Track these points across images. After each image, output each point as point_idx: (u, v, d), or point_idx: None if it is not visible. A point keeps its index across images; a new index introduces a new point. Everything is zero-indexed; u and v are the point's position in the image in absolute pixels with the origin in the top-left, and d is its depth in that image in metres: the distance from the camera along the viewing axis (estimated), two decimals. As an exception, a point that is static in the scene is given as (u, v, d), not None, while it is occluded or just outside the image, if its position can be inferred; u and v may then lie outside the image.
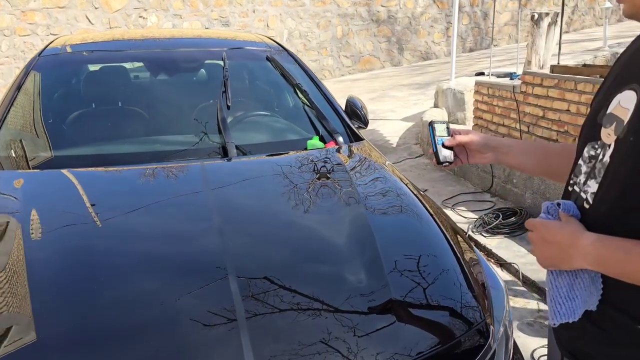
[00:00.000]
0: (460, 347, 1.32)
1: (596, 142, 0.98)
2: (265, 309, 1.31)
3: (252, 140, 2.33)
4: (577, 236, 0.93)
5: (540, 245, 0.99)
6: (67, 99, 2.64)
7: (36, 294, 1.34)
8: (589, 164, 0.99)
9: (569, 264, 0.95)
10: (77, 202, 1.77)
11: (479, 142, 1.26)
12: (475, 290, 1.50)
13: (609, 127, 0.95)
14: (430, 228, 1.76)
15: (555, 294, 0.98)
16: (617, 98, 0.96)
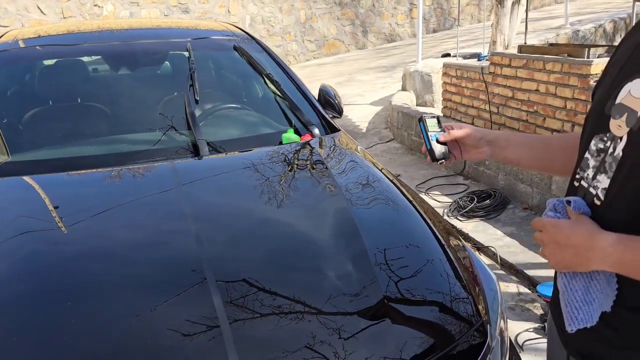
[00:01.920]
0: (459, 350, 1.26)
1: (605, 134, 0.93)
2: (249, 314, 1.24)
3: (224, 136, 2.22)
4: (595, 237, 0.87)
5: (553, 248, 0.92)
6: (21, 97, 2.48)
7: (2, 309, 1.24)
8: (597, 157, 0.93)
9: (585, 267, 0.89)
10: (41, 211, 1.65)
11: (475, 136, 1.19)
12: (470, 288, 1.45)
13: (620, 119, 0.90)
14: (416, 220, 1.70)
15: (571, 298, 0.93)
16: (627, 87, 0.90)
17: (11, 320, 1.23)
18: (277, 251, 1.52)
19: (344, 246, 1.50)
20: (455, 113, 5.23)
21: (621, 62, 0.98)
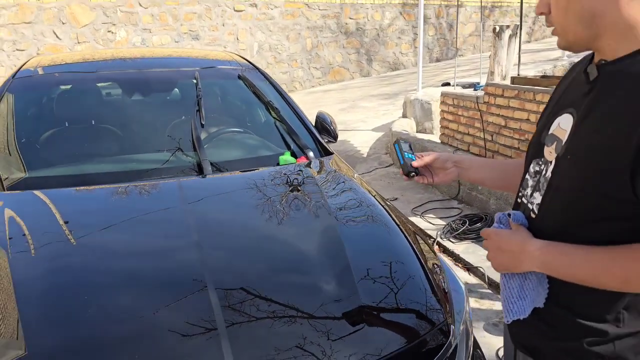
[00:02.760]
0: (424, 344, 1.43)
1: (540, 159, 1.11)
2: (244, 317, 1.39)
3: (226, 157, 2.42)
4: (526, 243, 1.05)
5: (494, 252, 1.11)
6: (40, 119, 2.68)
7: (23, 311, 1.40)
8: (535, 178, 1.11)
9: (519, 268, 1.07)
10: (57, 223, 1.83)
11: (442, 159, 1.36)
12: (438, 294, 1.62)
13: (551, 146, 1.08)
14: (396, 237, 1.87)
15: (508, 294, 1.11)
16: (557, 120, 1.09)
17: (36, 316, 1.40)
18: (270, 263, 1.69)
19: (330, 262, 1.66)
20: (452, 140, 5.42)
21: (556, 98, 1.17)
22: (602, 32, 0.98)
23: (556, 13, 1.02)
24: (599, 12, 0.96)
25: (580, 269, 0.98)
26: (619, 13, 0.95)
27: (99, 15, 9.39)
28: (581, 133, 1.00)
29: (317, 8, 11.24)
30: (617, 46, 0.98)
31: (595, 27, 0.98)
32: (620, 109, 0.94)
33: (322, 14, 11.32)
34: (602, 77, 1.00)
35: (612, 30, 0.97)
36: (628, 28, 0.96)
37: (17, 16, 8.82)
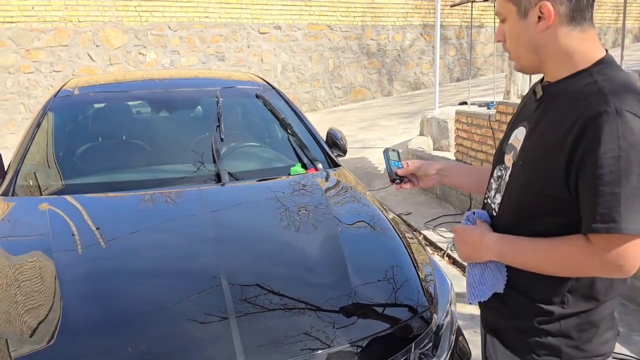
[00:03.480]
0: (410, 327, 1.63)
1: (502, 165, 1.30)
2: (252, 309, 1.60)
3: (242, 167, 2.65)
4: (484, 236, 1.24)
5: (460, 245, 1.29)
6: (76, 135, 2.96)
7: (64, 298, 1.63)
8: (497, 182, 1.31)
9: (479, 258, 1.25)
10: (92, 225, 2.07)
11: (424, 168, 1.53)
12: (426, 295, 1.79)
13: (509, 154, 1.27)
14: (392, 241, 2.06)
15: (470, 280, 1.29)
16: (515, 132, 1.28)
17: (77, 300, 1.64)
18: (277, 263, 1.89)
19: (330, 264, 1.84)
20: (467, 157, 5.58)
21: (517, 112, 1.36)
22: (546, 59, 1.17)
23: (509, 42, 1.22)
24: (542, 43, 1.15)
25: (527, 257, 1.16)
26: (557, 43, 1.14)
27: (130, 38, 9.86)
28: (529, 142, 1.19)
29: (339, 30, 11.57)
30: (558, 70, 1.17)
31: (541, 55, 1.17)
32: (557, 121, 1.13)
33: (344, 36, 11.63)
34: (546, 95, 1.20)
35: (554, 57, 1.16)
36: (566, 55, 1.15)
37: (55, 39, 9.34)
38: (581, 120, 1.06)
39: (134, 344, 1.46)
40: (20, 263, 1.85)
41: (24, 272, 1.80)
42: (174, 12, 10.09)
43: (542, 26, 1.13)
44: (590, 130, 1.05)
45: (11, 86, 9.14)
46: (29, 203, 2.34)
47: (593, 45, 1.15)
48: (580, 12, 1.13)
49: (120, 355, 1.44)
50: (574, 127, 1.07)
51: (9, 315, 1.59)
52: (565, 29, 1.13)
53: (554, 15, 1.12)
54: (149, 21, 9.93)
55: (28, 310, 1.60)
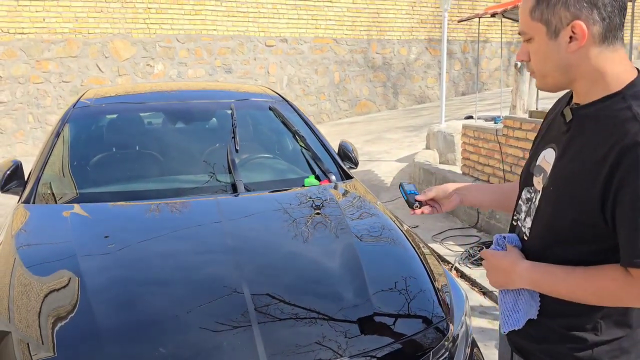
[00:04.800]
0: (423, 338, 1.65)
1: (530, 187, 1.28)
2: (274, 318, 1.63)
3: (257, 178, 2.70)
4: (516, 263, 1.21)
5: (490, 270, 1.27)
6: (95, 146, 3.00)
7: (87, 304, 1.66)
8: (527, 204, 1.29)
9: (512, 285, 1.23)
10: (116, 231, 2.11)
11: (443, 190, 1.54)
12: (442, 306, 1.82)
13: (539, 177, 1.25)
14: (407, 252, 2.09)
15: (503, 308, 1.26)
16: (543, 153, 1.26)
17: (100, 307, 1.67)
18: (296, 272, 1.92)
19: (348, 274, 1.87)
20: (473, 171, 5.62)
21: (543, 131, 1.35)
22: (576, 78, 1.13)
23: (535, 62, 1.17)
24: (574, 63, 1.11)
25: (560, 286, 1.14)
26: (589, 64, 1.11)
27: (139, 50, 9.97)
28: (559, 167, 1.17)
29: (345, 43, 11.68)
30: (589, 90, 1.13)
31: (571, 75, 1.13)
32: (590, 147, 1.10)
33: (349, 49, 11.74)
34: (575, 119, 1.16)
35: (585, 77, 1.12)
36: (598, 76, 1.11)
37: (65, 50, 9.45)
38: (617, 149, 1.04)
39: (157, 351, 1.49)
40: (41, 270, 1.89)
41: (46, 278, 1.83)
42: (182, 24, 10.21)
43: (574, 47, 1.10)
44: (626, 160, 1.03)
45: (21, 96, 9.23)
46: (50, 211, 2.39)
47: (625, 66, 1.13)
48: (613, 31, 1.09)
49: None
50: (609, 156, 1.05)
51: (30, 320, 1.62)
52: (597, 49, 1.10)
53: (587, 36, 1.08)
54: (157, 33, 10.05)
55: (48, 316, 1.64)
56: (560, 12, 1.09)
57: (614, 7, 1.08)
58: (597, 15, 1.07)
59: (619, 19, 1.09)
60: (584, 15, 1.07)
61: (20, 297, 1.73)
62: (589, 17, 1.07)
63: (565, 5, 1.08)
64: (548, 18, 1.10)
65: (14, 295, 1.74)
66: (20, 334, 1.58)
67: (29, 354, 1.51)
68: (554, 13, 1.10)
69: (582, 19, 1.07)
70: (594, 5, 1.07)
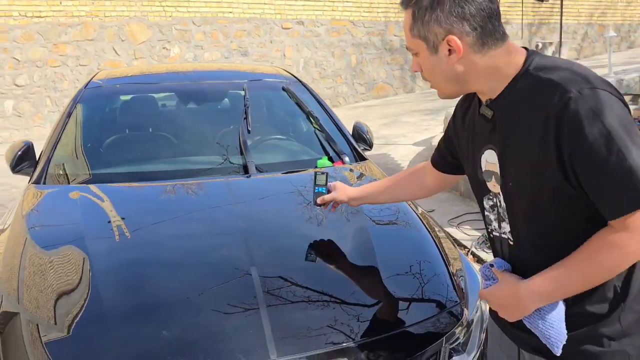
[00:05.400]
0: (436, 322, 1.61)
1: (488, 194, 1.25)
2: (282, 300, 1.59)
3: (269, 160, 2.66)
4: (517, 291, 1.16)
5: (499, 309, 1.22)
6: (107, 127, 2.99)
7: (96, 286, 1.64)
8: (494, 211, 1.25)
9: (528, 310, 1.17)
10: (124, 212, 2.09)
11: (340, 198, 1.77)
12: (457, 291, 1.77)
13: (491, 180, 1.23)
14: (422, 236, 2.04)
15: (539, 332, 1.18)
16: (483, 157, 1.24)
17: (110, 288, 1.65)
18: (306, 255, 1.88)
19: (360, 257, 1.84)
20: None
21: (468, 136, 1.31)
22: (470, 82, 1.16)
23: (426, 74, 1.21)
24: (460, 71, 1.14)
25: (570, 285, 1.10)
26: (477, 68, 1.14)
27: (155, 33, 9.94)
28: (508, 161, 1.16)
29: (362, 25, 11.52)
30: (492, 86, 1.16)
31: (463, 81, 1.16)
32: (525, 129, 1.11)
33: (367, 31, 11.58)
34: (497, 112, 1.18)
35: (480, 78, 1.15)
36: (493, 71, 1.14)
37: (81, 34, 9.46)
38: (552, 121, 1.06)
39: (164, 332, 1.47)
40: (52, 251, 1.88)
41: (55, 260, 1.82)
42: (198, 7, 10.14)
43: (454, 59, 1.13)
44: (565, 126, 1.04)
45: (38, 80, 9.29)
46: (61, 191, 2.38)
47: (514, 51, 1.15)
48: (490, 36, 1.12)
49: (151, 344, 1.44)
50: (548, 130, 1.06)
51: (40, 301, 1.61)
52: (479, 55, 1.13)
53: (463, 47, 1.11)
54: (174, 16, 10.00)
55: (58, 297, 1.62)
56: (434, 29, 1.12)
57: (483, 16, 1.10)
58: (468, 27, 1.10)
59: (492, 24, 1.12)
60: (455, 29, 1.11)
61: (30, 278, 1.72)
62: (461, 29, 1.10)
63: (437, 21, 1.11)
64: (425, 35, 1.14)
65: (24, 276, 1.73)
66: (29, 314, 1.57)
67: (37, 335, 1.49)
68: (429, 30, 1.13)
69: (454, 33, 1.11)
70: (463, 18, 1.10)
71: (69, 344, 1.45)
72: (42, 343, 1.45)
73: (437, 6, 1.11)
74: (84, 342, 1.45)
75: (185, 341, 1.44)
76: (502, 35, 1.14)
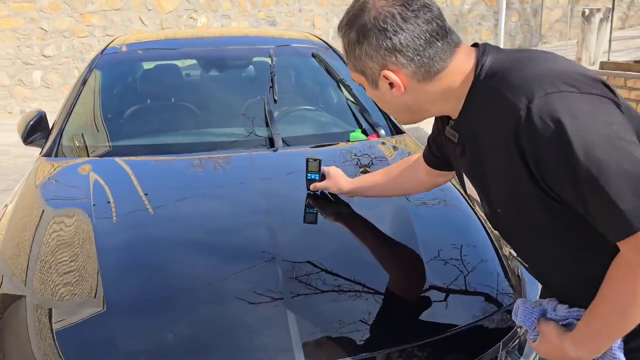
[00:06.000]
0: (492, 324, 1.37)
1: None
2: (308, 291, 1.39)
3: (298, 132, 2.43)
4: (563, 349, 1.00)
5: None
6: (125, 95, 2.81)
7: (105, 270, 1.47)
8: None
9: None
10: (137, 190, 1.91)
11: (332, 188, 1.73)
12: (511, 280, 1.54)
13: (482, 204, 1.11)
14: (470, 220, 1.80)
15: None
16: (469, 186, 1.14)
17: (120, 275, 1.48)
18: (337, 240, 1.68)
19: (398, 240, 1.63)
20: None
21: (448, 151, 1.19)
22: (426, 108, 1.04)
23: (380, 105, 1.12)
24: (410, 101, 1.02)
25: (611, 329, 0.94)
26: (427, 94, 1.01)
27: (182, 2, 9.73)
28: (487, 189, 1.04)
29: (394, -7, 11.07)
30: (453, 106, 1.03)
31: (417, 109, 1.05)
32: (491, 150, 0.97)
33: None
34: (461, 135, 1.05)
35: (435, 103, 1.03)
36: (446, 94, 1.01)
37: (108, 3, 9.31)
38: (510, 139, 0.90)
39: (182, 326, 1.30)
40: (61, 229, 1.72)
41: (64, 238, 1.66)
42: (226, -26, 9.87)
43: (397, 93, 1.01)
44: (525, 144, 0.88)
45: (66, 50, 9.22)
46: (74, 165, 2.21)
47: (466, 62, 1.00)
48: (433, 60, 0.98)
49: (166, 338, 1.27)
50: (509, 149, 0.91)
51: (52, 284, 1.46)
52: (424, 83, 1.00)
53: (403, 80, 0.99)
54: (201, -16, 9.77)
55: (74, 281, 1.46)
56: (368, 64, 1.01)
57: (418, 45, 0.96)
58: (403, 59, 0.97)
59: (433, 48, 0.97)
60: (389, 63, 0.98)
61: (44, 257, 1.56)
62: (395, 63, 0.98)
63: (369, 56, 0.99)
64: (361, 69, 1.03)
65: (37, 254, 1.57)
66: (39, 298, 1.42)
67: (48, 322, 1.34)
68: (363, 65, 1.02)
69: (389, 67, 0.98)
70: (394, 50, 0.96)
71: (81, 333, 1.31)
72: (52, 331, 1.30)
73: (364, 40, 0.98)
74: (97, 333, 1.30)
75: (201, 338, 1.27)
76: (452, 49, 0.99)
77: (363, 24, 0.97)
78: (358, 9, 0.99)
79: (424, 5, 0.97)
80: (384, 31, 0.95)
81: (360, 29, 0.98)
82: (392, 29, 0.95)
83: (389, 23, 0.95)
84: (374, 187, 1.64)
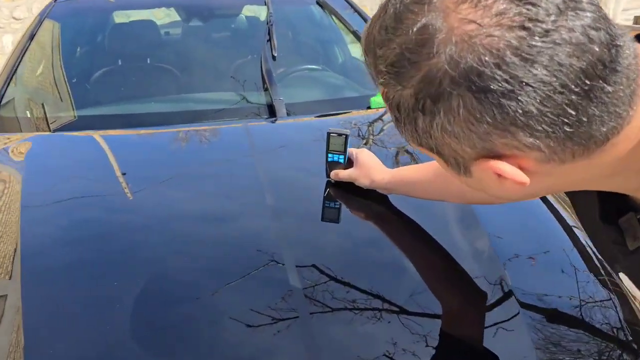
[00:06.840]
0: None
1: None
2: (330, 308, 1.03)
3: (303, 97, 2.03)
4: None
5: None
6: (91, 54, 2.42)
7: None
8: None
9: None
10: (111, 170, 1.52)
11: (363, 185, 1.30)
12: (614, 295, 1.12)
13: None
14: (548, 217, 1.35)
15: None
16: None
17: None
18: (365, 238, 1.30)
19: (456, 238, 1.22)
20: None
21: None
22: (573, 188, 0.71)
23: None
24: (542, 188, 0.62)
25: None
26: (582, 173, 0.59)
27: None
28: None
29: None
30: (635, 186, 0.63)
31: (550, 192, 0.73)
32: None
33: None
34: None
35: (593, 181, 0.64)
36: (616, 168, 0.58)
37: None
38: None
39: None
40: None
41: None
42: None
43: (512, 186, 0.55)
44: None
45: (37, 11, 8.63)
46: (17, 143, 1.76)
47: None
48: (590, 124, 0.49)
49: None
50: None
51: None
52: (575, 162, 0.53)
53: (530, 169, 0.53)
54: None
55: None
56: (450, 145, 0.53)
57: (557, 108, 0.48)
58: (528, 137, 0.50)
59: (595, 102, 0.48)
60: (498, 147, 0.51)
61: None
62: (511, 145, 0.51)
63: (453, 136, 0.52)
64: (435, 148, 0.56)
65: None
66: None
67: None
68: (438, 144, 0.55)
69: (496, 153, 0.52)
70: (513, 125, 0.49)
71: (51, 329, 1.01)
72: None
73: (442, 106, 0.50)
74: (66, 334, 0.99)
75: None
76: (631, 85, 0.50)
77: (438, 75, 0.49)
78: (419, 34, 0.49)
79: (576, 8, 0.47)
80: (492, 93, 0.47)
81: (430, 85, 0.49)
82: (516, 85, 0.47)
83: (509, 72, 0.46)
84: (420, 184, 1.19)
